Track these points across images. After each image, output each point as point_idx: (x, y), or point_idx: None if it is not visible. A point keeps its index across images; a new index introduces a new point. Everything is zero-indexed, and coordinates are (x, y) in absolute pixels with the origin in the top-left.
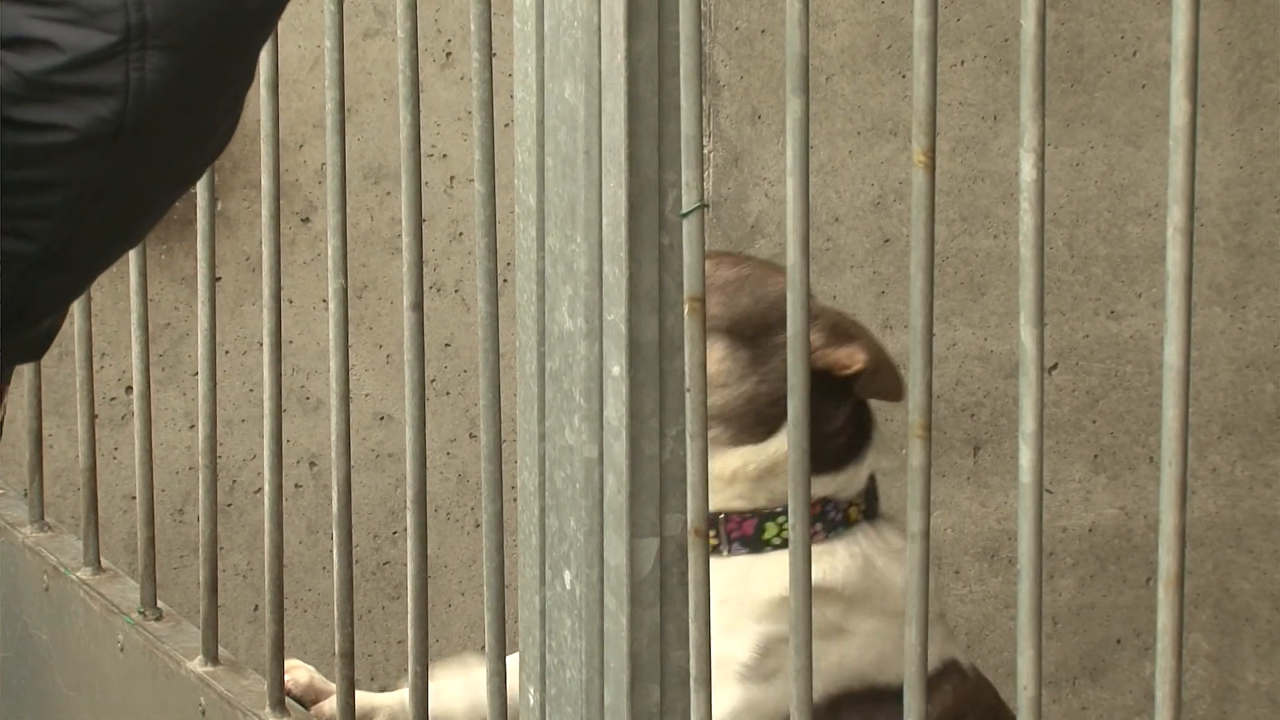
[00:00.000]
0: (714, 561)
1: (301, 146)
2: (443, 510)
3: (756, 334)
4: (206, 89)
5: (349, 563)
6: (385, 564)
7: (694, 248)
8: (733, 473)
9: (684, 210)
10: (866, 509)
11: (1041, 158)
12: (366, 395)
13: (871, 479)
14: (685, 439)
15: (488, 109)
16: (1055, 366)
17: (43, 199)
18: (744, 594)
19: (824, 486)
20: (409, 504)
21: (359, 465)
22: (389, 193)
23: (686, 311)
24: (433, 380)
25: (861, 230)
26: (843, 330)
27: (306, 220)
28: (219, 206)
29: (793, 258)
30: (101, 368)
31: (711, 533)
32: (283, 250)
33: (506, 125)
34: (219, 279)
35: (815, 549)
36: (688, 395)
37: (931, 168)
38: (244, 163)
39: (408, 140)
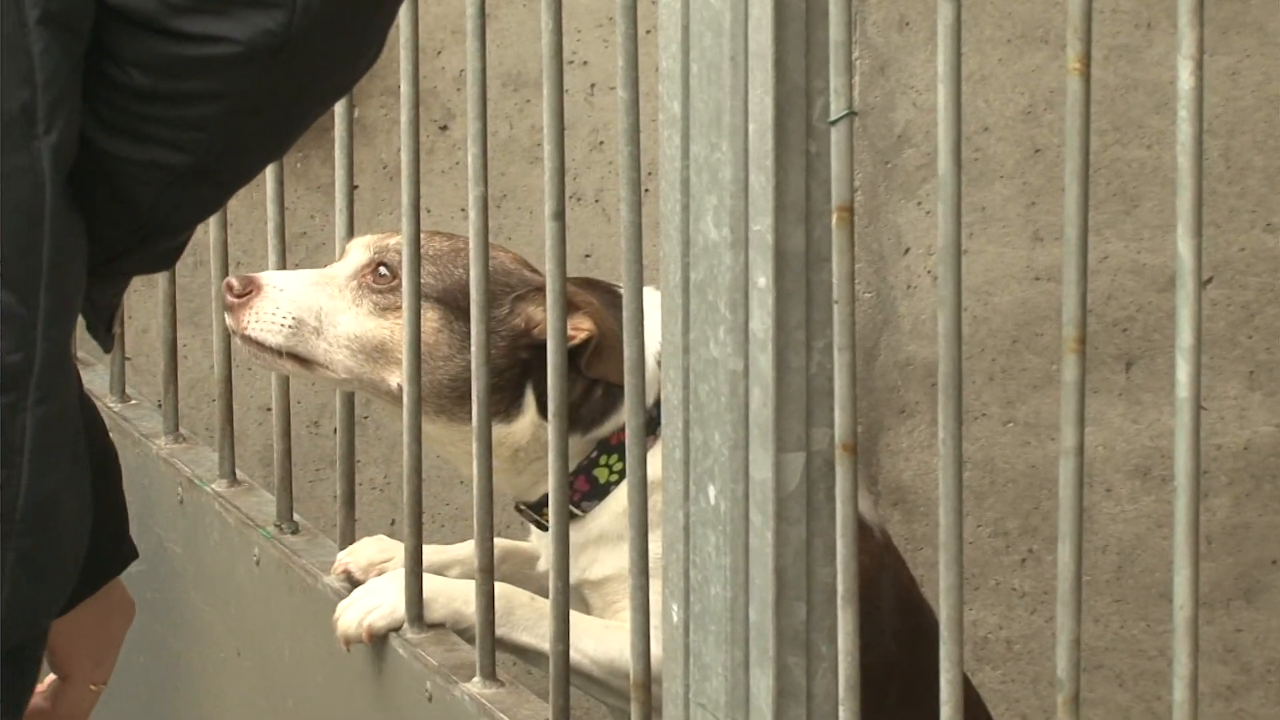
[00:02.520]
0: (574, 524)
1: (440, 53)
2: None
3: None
4: (368, 2)
5: (488, 476)
6: None
7: (842, 156)
8: (508, 460)
9: (832, 118)
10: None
11: (1200, 65)
12: None
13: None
14: (832, 351)
15: (631, 14)
16: (1210, 280)
17: (201, 111)
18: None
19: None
20: (550, 418)
21: None
22: (529, 100)
23: (834, 221)
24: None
25: (1011, 140)
26: (570, 298)
27: (445, 128)
28: (356, 114)
29: (944, 166)
30: None
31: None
32: (421, 158)
33: (649, 31)
34: (356, 187)
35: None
36: (835, 307)
37: (1087, 75)
38: (382, 70)
39: (549, 46)
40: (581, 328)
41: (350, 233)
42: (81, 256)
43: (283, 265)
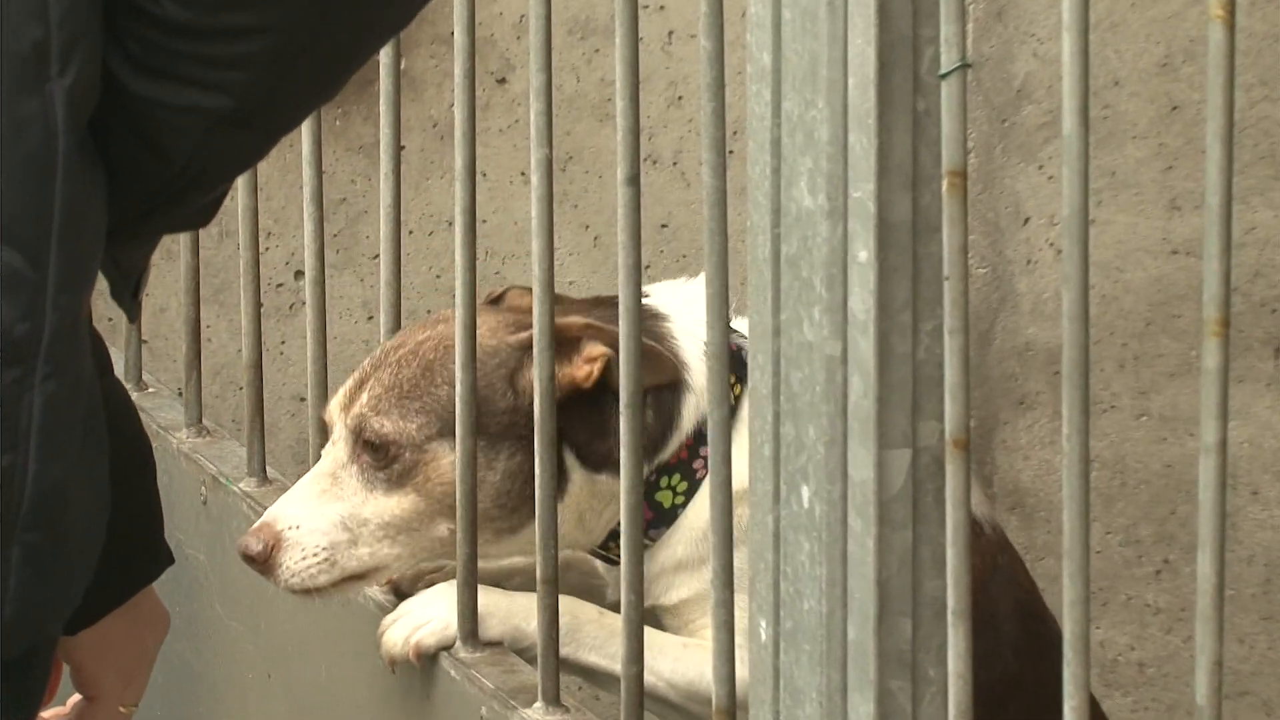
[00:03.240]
0: (652, 554)
1: None
2: None
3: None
4: None
5: (552, 475)
6: None
7: (953, 114)
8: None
9: (942, 70)
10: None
11: None
12: (571, 283)
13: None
14: (942, 334)
15: None
16: None
17: (242, 47)
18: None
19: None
20: (622, 409)
21: None
22: (598, 50)
23: (945, 187)
24: (647, 266)
25: (1145, 96)
26: (568, 340)
27: (503, 81)
28: (403, 65)
29: (1069, 126)
30: (268, 249)
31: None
32: (476, 116)
33: None
34: (403, 148)
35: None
36: (946, 284)
37: (1231, 23)
38: (432, 15)
39: None
40: (594, 355)
41: (396, 200)
42: (100, 215)
43: (320, 234)
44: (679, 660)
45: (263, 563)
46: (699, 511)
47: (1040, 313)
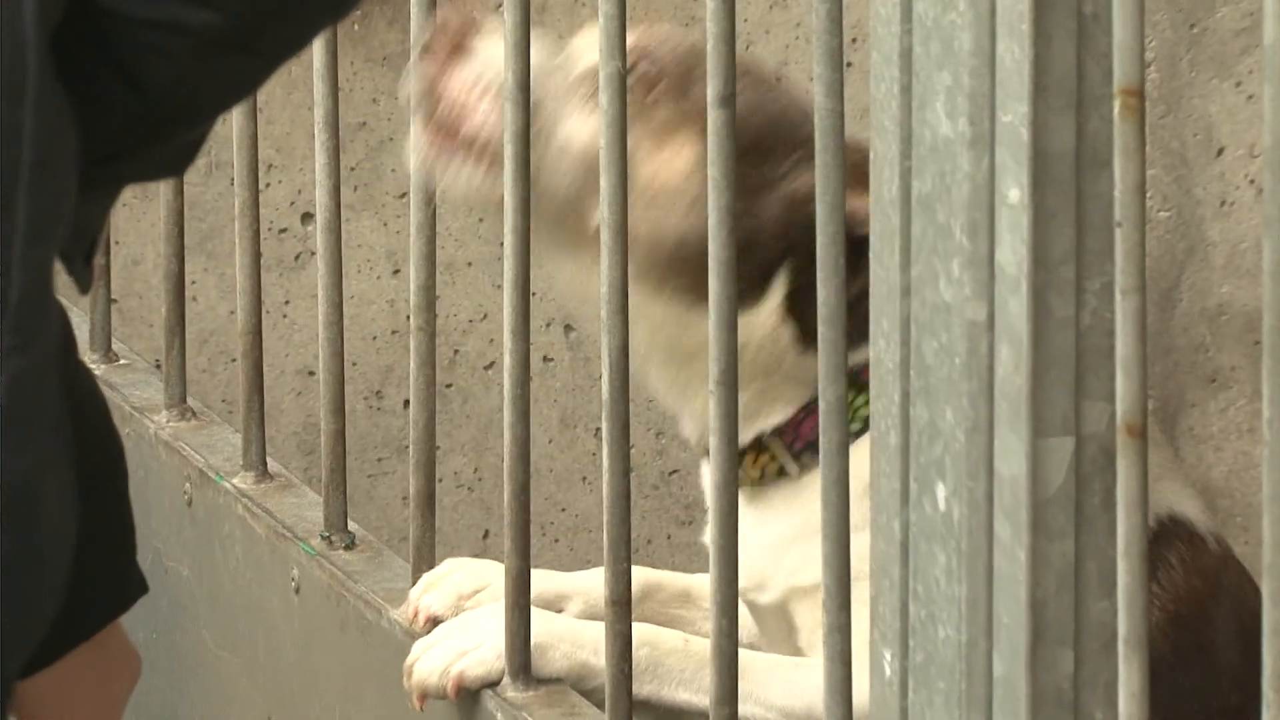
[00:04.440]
0: (792, 493)
1: None
2: None
3: (754, 145)
4: None
5: (624, 471)
6: (673, 473)
7: (1128, 18)
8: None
9: None
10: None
11: None
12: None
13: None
14: (1114, 294)
15: None
16: None
17: None
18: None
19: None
20: (711, 386)
21: None
22: None
23: (1117, 109)
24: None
25: None
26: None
27: None
28: None
29: (1272, 33)
30: (268, 185)
31: (764, 458)
32: (531, 13)
33: None
34: None
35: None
36: (1118, 232)
37: None
38: None
39: None
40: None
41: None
42: (72, 153)
43: (334, 167)
44: (791, 684)
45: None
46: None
47: (1236, 268)
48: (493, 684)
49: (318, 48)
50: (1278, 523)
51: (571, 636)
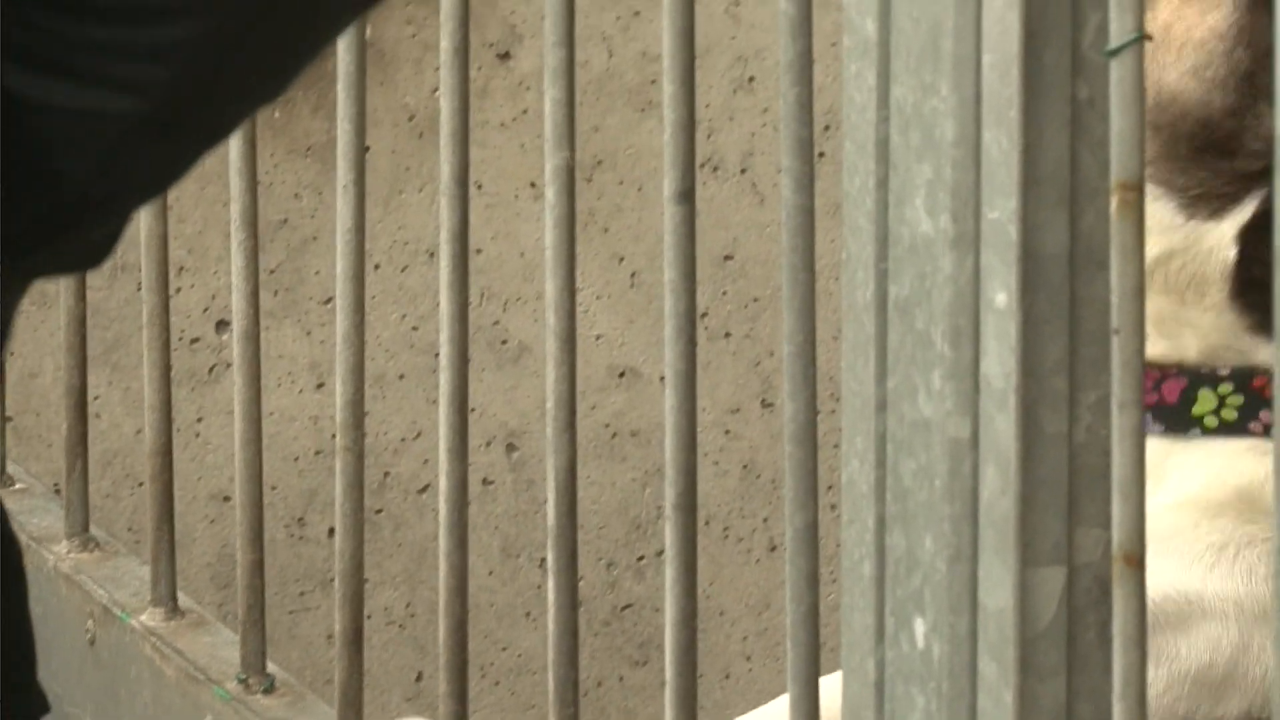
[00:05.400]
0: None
1: None
2: (718, 522)
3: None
4: None
5: (571, 605)
6: (626, 608)
7: (1128, 106)
8: (1149, 265)
9: (1112, 45)
10: None
11: None
12: (599, 338)
13: None
14: (1110, 410)
15: None
16: None
17: (165, 32)
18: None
19: None
20: (669, 512)
21: (586, 451)
22: (637, 13)
23: (1115, 205)
24: (703, 315)
25: None
26: None
27: (506, 56)
28: (369, 35)
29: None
30: (179, 290)
31: None
32: (470, 105)
33: None
34: (367, 150)
35: (1263, 449)
36: (1115, 339)
37: None
38: None
39: None
40: None
41: (359, 219)
42: None
43: (252, 270)
44: None
45: None
46: (1223, 460)
47: None
48: None
49: (234, 138)
50: None
51: None
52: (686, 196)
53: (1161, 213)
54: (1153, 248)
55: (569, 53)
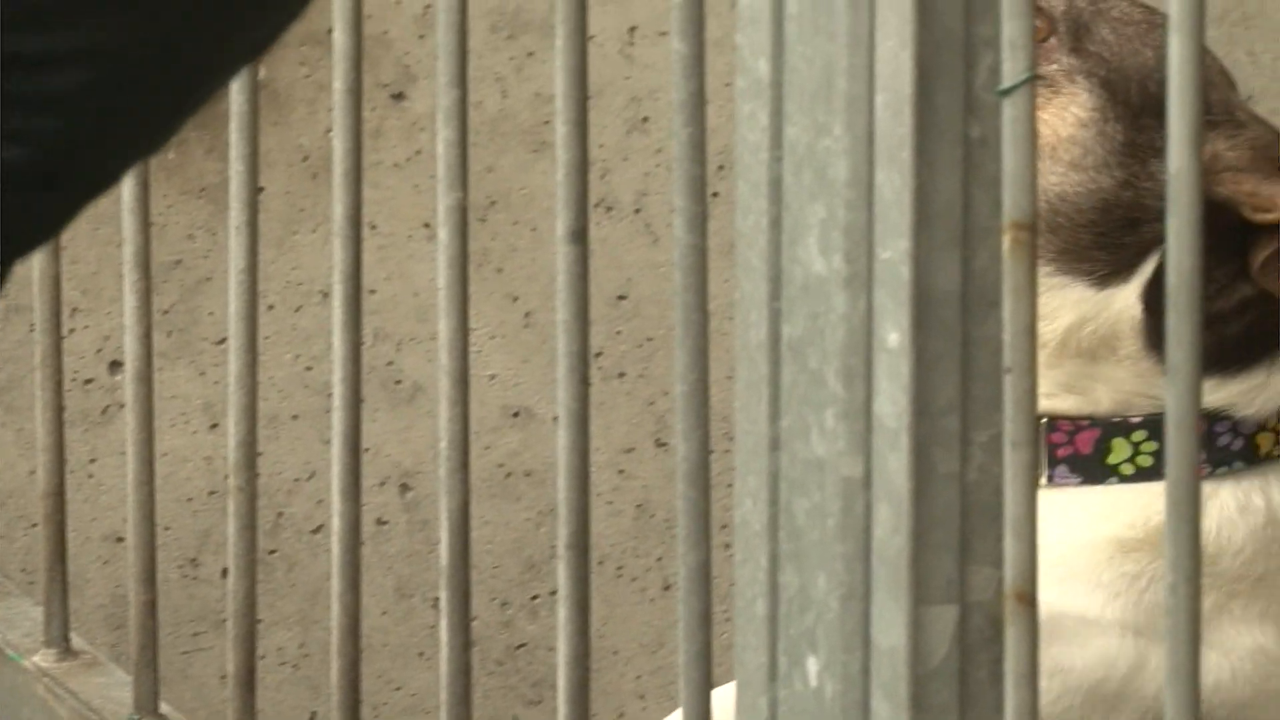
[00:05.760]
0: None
1: None
2: (611, 562)
3: (1145, 108)
4: None
5: (465, 645)
6: (520, 647)
7: (1020, 143)
8: (1060, 335)
9: (1004, 85)
10: None
11: None
12: (493, 377)
13: None
14: (1003, 448)
15: None
16: None
17: (55, 80)
18: (1056, 539)
19: (1210, 393)
20: (561, 551)
21: (480, 491)
22: (531, 53)
23: (1007, 244)
24: (597, 354)
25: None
26: (1275, 157)
27: (399, 97)
28: (262, 76)
29: (1176, 161)
30: (72, 331)
31: None
32: (363, 145)
33: None
34: (261, 190)
35: None
36: (1007, 379)
37: None
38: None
39: None
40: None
41: (252, 260)
42: None
43: (145, 311)
44: None
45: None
46: (1141, 501)
47: None
48: None
49: (127, 179)
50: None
51: None
52: (579, 236)
53: (1070, 293)
54: (1065, 319)
55: (462, 93)
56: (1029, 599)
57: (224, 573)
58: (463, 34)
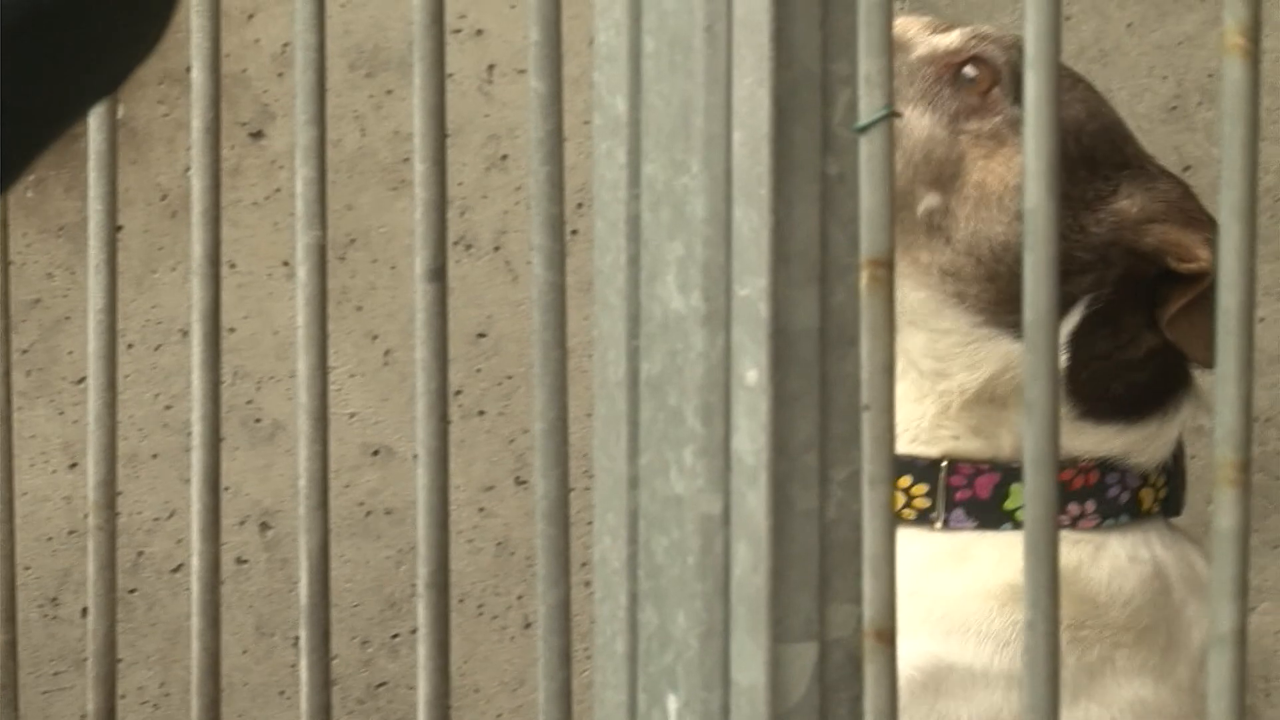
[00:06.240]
0: (919, 535)
1: (252, 18)
2: (472, 600)
3: (1079, 160)
4: None
5: (325, 684)
6: (380, 686)
7: (877, 180)
8: (980, 384)
9: (862, 122)
10: (1166, 499)
11: None
12: (352, 416)
13: (1179, 452)
14: (861, 485)
15: None
16: None
17: None
18: (947, 587)
19: (1109, 440)
20: (421, 590)
21: (340, 529)
22: (390, 91)
23: (865, 282)
24: (457, 392)
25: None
26: (1192, 214)
27: (259, 135)
28: (120, 114)
29: (1034, 196)
30: None
31: (924, 489)
32: (222, 183)
33: None
34: (120, 229)
35: (1073, 539)
36: (865, 416)
37: (1254, 54)
38: (161, 44)
39: (424, 7)
40: (1200, 257)
41: (111, 299)
42: None
43: (4, 350)
44: None
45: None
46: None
47: None
48: None
49: None
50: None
51: None
52: (438, 274)
53: (998, 345)
54: (987, 370)
55: (320, 131)
56: (888, 636)
57: (84, 612)
58: (321, 72)
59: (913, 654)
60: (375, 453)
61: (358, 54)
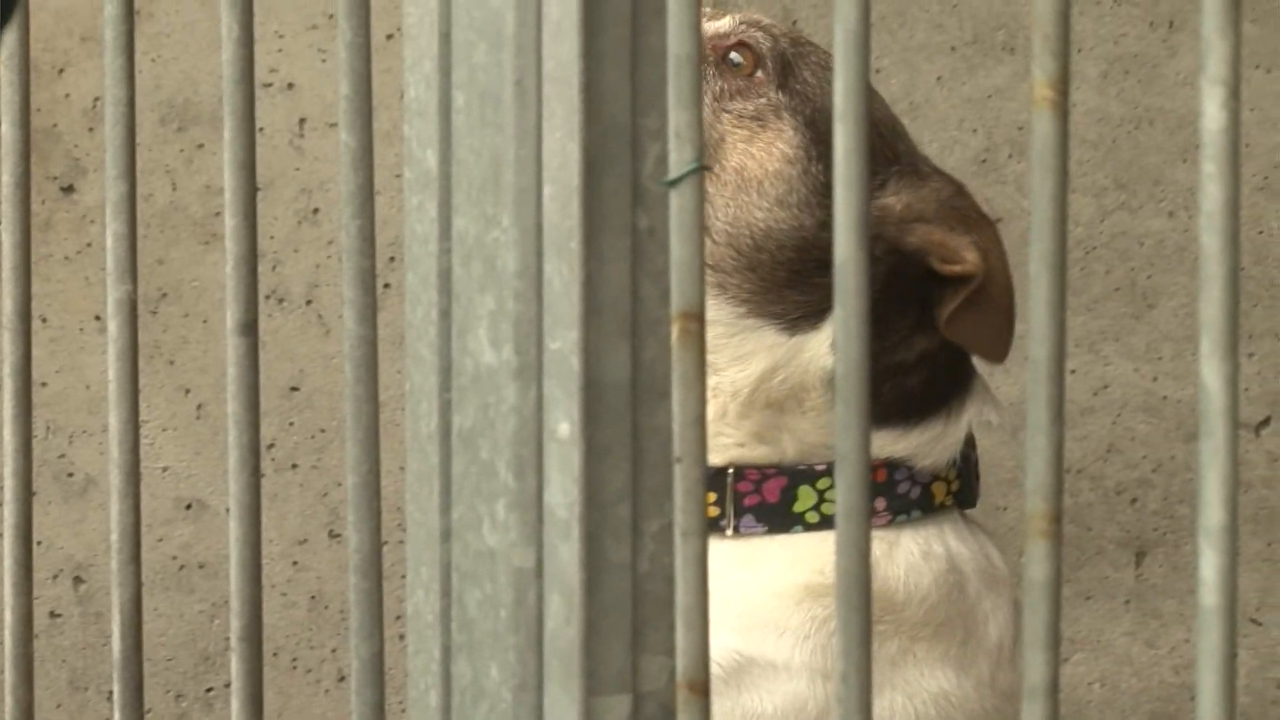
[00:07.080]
0: (710, 544)
1: (62, 72)
2: (286, 654)
3: None
4: None
5: None
6: None
7: (687, 233)
8: (753, 383)
9: (671, 176)
10: (960, 491)
11: (1235, 91)
12: (165, 470)
13: (969, 447)
14: (674, 537)
15: (361, 11)
16: (1266, 423)
17: None
18: (743, 588)
19: (892, 443)
20: (234, 644)
21: (153, 582)
22: (201, 145)
23: (676, 335)
24: (270, 446)
25: None
26: (963, 213)
27: (70, 190)
28: None
29: (842, 251)
30: None
31: (712, 497)
32: (33, 238)
33: (390, 37)
34: None
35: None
36: (677, 468)
37: (1063, 106)
38: None
39: (234, 61)
40: (966, 259)
41: None
42: None
43: None
44: None
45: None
46: (828, 547)
47: None
48: None
49: None
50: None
51: None
52: (250, 328)
53: (763, 336)
54: (756, 366)
55: (131, 186)
56: (701, 688)
57: None
58: (131, 127)
59: (714, 650)
60: (188, 506)
61: (168, 108)
